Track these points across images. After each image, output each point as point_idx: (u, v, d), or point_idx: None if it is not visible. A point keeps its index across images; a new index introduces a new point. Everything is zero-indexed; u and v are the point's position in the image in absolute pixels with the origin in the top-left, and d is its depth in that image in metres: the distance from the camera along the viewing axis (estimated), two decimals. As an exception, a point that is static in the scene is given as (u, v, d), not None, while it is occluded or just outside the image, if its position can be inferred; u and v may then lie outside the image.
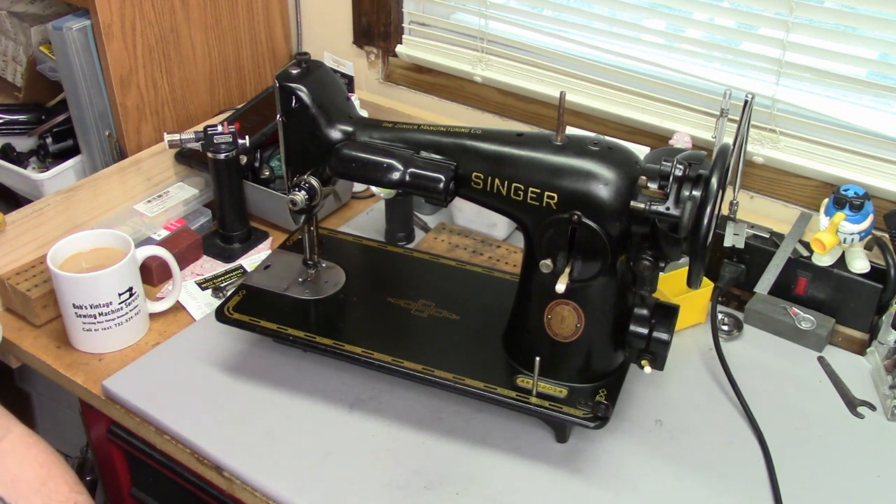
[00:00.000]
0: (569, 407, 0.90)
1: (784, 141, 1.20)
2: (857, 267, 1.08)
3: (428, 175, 0.89)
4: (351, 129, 0.94)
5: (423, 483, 0.90)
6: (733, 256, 1.13)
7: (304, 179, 0.96)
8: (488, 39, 1.40)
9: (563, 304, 0.89)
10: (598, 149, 0.84)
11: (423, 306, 1.04)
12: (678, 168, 0.78)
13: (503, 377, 0.94)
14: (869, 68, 1.15)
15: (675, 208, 0.79)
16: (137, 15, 1.30)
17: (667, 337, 0.90)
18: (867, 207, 1.06)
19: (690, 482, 0.91)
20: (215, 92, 1.48)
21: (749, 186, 1.23)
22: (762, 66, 1.19)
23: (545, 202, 0.85)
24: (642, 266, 0.84)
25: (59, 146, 1.48)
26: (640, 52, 1.29)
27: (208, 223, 1.30)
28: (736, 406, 1.00)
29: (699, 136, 1.23)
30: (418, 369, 0.94)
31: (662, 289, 1.08)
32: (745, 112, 0.87)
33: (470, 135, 0.90)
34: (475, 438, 0.95)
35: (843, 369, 1.06)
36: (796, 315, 1.10)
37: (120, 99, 1.32)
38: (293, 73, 0.92)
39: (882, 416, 1.00)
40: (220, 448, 0.93)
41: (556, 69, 1.35)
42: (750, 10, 1.19)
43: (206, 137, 1.19)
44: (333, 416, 0.97)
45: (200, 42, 1.42)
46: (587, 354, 0.92)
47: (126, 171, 1.29)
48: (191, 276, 1.20)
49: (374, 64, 1.53)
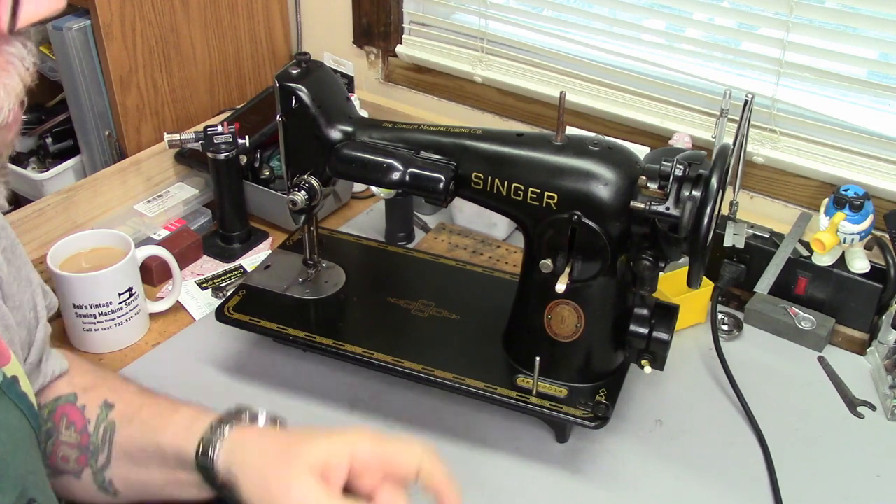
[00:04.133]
0: (569, 407, 0.90)
1: (784, 141, 1.20)
2: (857, 267, 1.08)
3: (428, 175, 0.89)
4: (351, 129, 0.94)
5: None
6: (733, 256, 1.13)
7: (304, 179, 0.96)
8: (488, 39, 1.40)
9: (563, 304, 0.89)
10: (598, 149, 0.84)
11: (423, 306, 1.04)
12: (678, 168, 0.78)
13: (503, 377, 0.94)
14: (869, 68, 1.15)
15: (675, 208, 0.79)
16: (137, 15, 1.30)
17: (667, 337, 0.90)
18: (867, 207, 1.06)
19: (690, 482, 0.91)
20: (215, 92, 1.48)
21: (749, 186, 1.23)
22: (762, 66, 1.19)
23: (545, 202, 0.85)
24: (642, 266, 0.84)
25: (59, 146, 1.47)
26: (640, 52, 1.29)
27: (208, 223, 1.30)
28: (736, 406, 1.00)
29: (699, 136, 1.23)
30: (418, 369, 0.94)
31: (662, 289, 1.08)
32: (745, 112, 0.87)
33: (470, 135, 0.90)
34: (475, 438, 0.95)
35: (843, 369, 1.06)
36: (796, 315, 1.10)
37: (120, 99, 1.32)
38: (293, 73, 0.92)
39: (882, 416, 1.00)
40: (220, 448, 0.93)
41: (556, 69, 1.35)
42: (750, 10, 1.19)
43: (206, 137, 1.19)
44: (333, 416, 0.97)
45: (200, 42, 1.42)
46: (587, 354, 0.92)
47: (126, 171, 1.29)
48: (191, 276, 1.20)
49: (374, 64, 1.53)
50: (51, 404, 0.77)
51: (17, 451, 0.62)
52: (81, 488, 0.77)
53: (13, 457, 0.61)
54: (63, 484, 0.77)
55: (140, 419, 0.75)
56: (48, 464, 0.76)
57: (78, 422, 0.76)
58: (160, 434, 0.74)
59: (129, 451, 0.75)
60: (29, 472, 0.63)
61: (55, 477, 0.76)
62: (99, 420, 0.76)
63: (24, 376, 0.66)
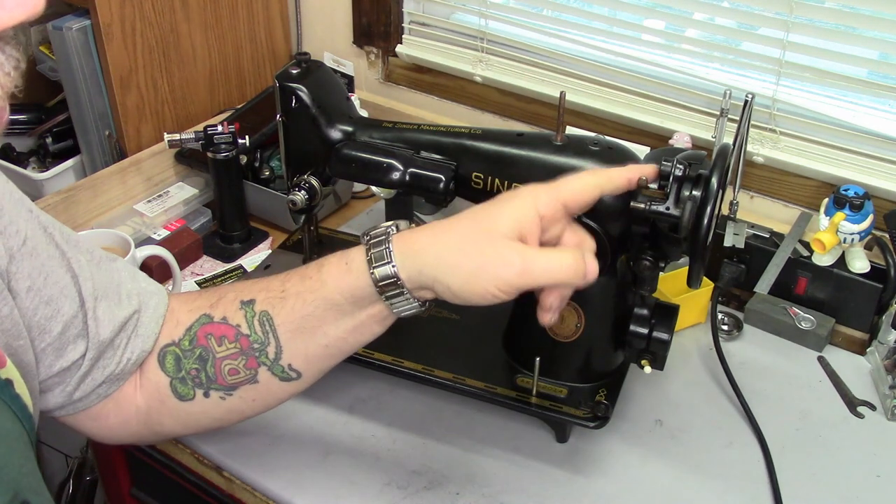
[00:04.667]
0: (569, 407, 0.90)
1: (784, 141, 1.20)
2: (857, 267, 1.08)
3: (428, 175, 0.89)
4: (351, 129, 0.94)
5: (423, 483, 0.90)
6: (733, 256, 1.13)
7: (304, 179, 0.96)
8: (488, 39, 1.40)
9: (563, 304, 0.89)
10: (598, 149, 0.84)
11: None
12: (678, 168, 0.78)
13: (503, 377, 0.94)
14: (869, 68, 1.15)
15: (675, 208, 0.79)
16: (137, 15, 1.30)
17: (667, 337, 0.90)
18: (867, 207, 1.06)
19: (690, 482, 0.91)
20: (215, 92, 1.48)
21: (749, 186, 1.23)
22: (762, 66, 1.19)
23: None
24: (642, 266, 0.84)
25: (59, 146, 1.47)
26: (640, 52, 1.29)
27: (208, 223, 1.30)
28: (736, 406, 1.00)
29: (699, 136, 1.22)
30: (418, 369, 0.94)
31: (662, 289, 1.08)
32: (745, 112, 0.87)
33: (470, 135, 0.90)
34: (475, 438, 0.95)
35: (843, 369, 1.06)
36: (796, 315, 1.10)
37: (120, 99, 1.32)
38: (293, 73, 0.92)
39: (882, 416, 1.00)
40: (220, 448, 0.93)
41: (556, 69, 1.35)
42: (750, 10, 1.19)
43: (206, 137, 1.19)
44: (333, 416, 0.97)
45: (200, 42, 1.42)
46: (587, 354, 0.92)
47: (126, 171, 1.29)
48: (191, 275, 1.20)
49: (374, 64, 1.53)
50: (185, 338, 0.76)
51: (10, 453, 0.62)
52: (264, 391, 0.76)
53: (7, 459, 0.61)
54: (242, 398, 0.76)
55: (291, 293, 0.74)
56: (219, 385, 0.75)
57: (228, 332, 0.75)
58: (322, 290, 0.72)
59: (297, 326, 0.73)
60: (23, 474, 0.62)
61: (230, 397, 0.75)
62: (249, 318, 0.74)
63: (19, 379, 0.65)
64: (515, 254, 0.66)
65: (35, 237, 0.70)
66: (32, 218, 0.71)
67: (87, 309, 0.72)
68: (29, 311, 0.69)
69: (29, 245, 0.69)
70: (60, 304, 0.71)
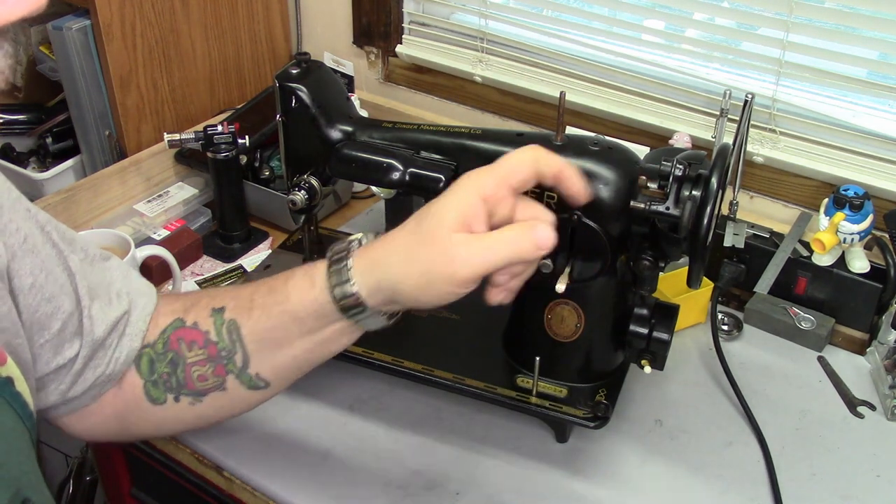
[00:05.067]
0: (569, 407, 0.90)
1: (784, 141, 1.20)
2: (857, 267, 1.08)
3: (428, 175, 0.89)
4: (351, 129, 0.94)
5: (423, 483, 0.90)
6: (733, 256, 1.13)
7: (304, 179, 0.96)
8: (488, 39, 1.40)
9: (563, 303, 0.89)
10: (598, 149, 0.84)
11: (423, 306, 1.03)
12: (678, 168, 0.78)
13: (503, 377, 0.94)
14: (869, 68, 1.15)
15: (675, 208, 0.79)
16: (137, 15, 1.30)
17: (667, 337, 0.90)
18: (867, 207, 1.06)
19: (690, 482, 0.91)
20: (215, 92, 1.48)
21: (749, 186, 1.23)
22: (762, 66, 1.19)
23: (545, 202, 0.84)
24: (642, 266, 0.84)
25: (59, 146, 1.47)
26: (640, 52, 1.29)
27: (208, 223, 1.30)
28: (736, 406, 1.00)
29: (699, 136, 1.22)
30: (418, 369, 0.94)
31: (662, 289, 1.08)
32: (745, 112, 0.87)
33: (470, 135, 0.90)
34: (475, 438, 0.95)
35: (843, 369, 1.06)
36: (796, 315, 1.10)
37: (120, 99, 1.32)
38: (293, 73, 0.92)
39: (882, 416, 1.00)
40: (220, 448, 0.93)
41: (556, 69, 1.35)
42: (750, 10, 1.19)
43: (206, 137, 1.19)
44: (333, 416, 0.97)
45: (200, 42, 1.42)
46: (587, 354, 0.92)
47: (126, 171, 1.29)
48: (191, 275, 1.20)
49: (374, 64, 1.53)
50: (159, 341, 0.76)
51: (10, 451, 0.62)
52: (233, 399, 0.76)
53: (7, 457, 0.61)
54: (210, 405, 0.76)
55: (258, 304, 0.74)
56: (188, 390, 0.75)
57: (197, 338, 0.75)
58: (286, 304, 0.72)
59: (262, 337, 0.73)
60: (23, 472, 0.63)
61: (199, 403, 0.75)
62: (217, 325, 0.74)
63: (19, 377, 0.65)
64: (458, 247, 0.65)
65: (34, 235, 0.70)
66: (30, 217, 0.71)
67: (82, 307, 0.73)
68: (31, 307, 0.69)
69: (29, 243, 0.69)
70: (61, 302, 0.71)
